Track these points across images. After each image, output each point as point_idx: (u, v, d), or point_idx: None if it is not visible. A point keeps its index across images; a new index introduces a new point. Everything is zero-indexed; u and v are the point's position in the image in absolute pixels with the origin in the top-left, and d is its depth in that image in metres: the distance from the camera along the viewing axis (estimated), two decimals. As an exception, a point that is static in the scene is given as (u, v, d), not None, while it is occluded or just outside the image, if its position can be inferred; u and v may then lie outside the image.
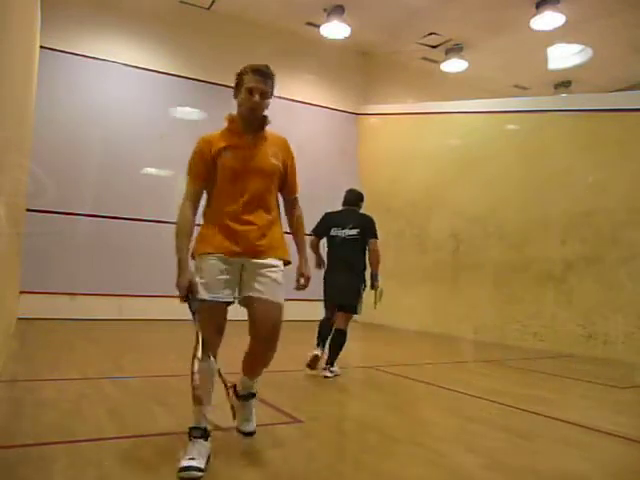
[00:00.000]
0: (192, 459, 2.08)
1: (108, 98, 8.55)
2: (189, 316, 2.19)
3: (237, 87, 2.39)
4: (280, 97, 9.87)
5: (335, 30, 9.55)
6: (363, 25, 9.66)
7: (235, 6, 9.25)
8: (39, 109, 7.39)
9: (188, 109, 9.23)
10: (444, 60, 10.71)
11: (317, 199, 10.14)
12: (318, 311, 4.79)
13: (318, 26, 9.56)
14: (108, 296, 8.08)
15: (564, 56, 10.61)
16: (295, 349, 6.33)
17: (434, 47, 10.49)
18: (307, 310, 7.87)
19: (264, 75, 2.33)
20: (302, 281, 2.53)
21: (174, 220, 2.30)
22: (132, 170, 8.60)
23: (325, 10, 9.22)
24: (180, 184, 2.46)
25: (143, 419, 2.90)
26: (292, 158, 2.51)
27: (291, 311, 7.23)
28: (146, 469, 2.15)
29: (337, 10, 9.13)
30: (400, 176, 9.64)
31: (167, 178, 8.87)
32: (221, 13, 9.41)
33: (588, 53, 10.38)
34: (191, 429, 2.21)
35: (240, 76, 2.37)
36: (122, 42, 8.76)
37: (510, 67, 11.21)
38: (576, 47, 10.36)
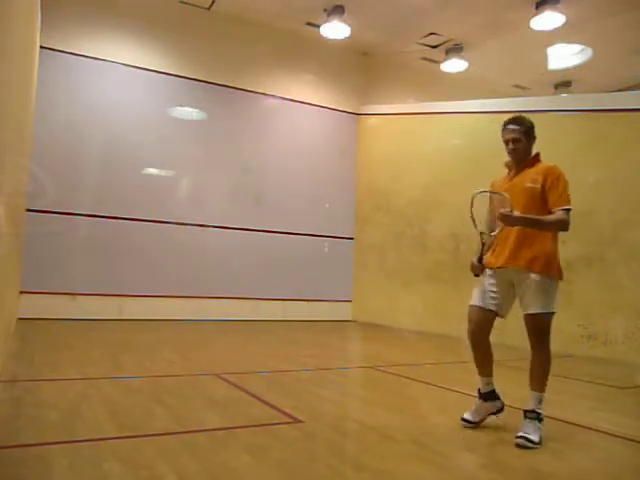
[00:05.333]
0: None
1: (108, 98, 8.55)
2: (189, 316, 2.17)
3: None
4: (280, 97, 9.92)
5: (335, 30, 9.53)
6: (363, 25, 9.65)
7: (235, 6, 9.24)
8: (39, 109, 7.39)
9: (188, 109, 9.21)
10: (444, 60, 10.71)
11: (317, 198, 10.26)
12: (318, 311, 4.78)
13: (318, 26, 9.55)
14: (108, 296, 8.09)
15: (564, 56, 10.60)
16: (295, 349, 6.36)
17: (434, 47, 10.49)
18: (307, 310, 8.05)
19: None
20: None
21: (174, 220, 2.30)
22: (132, 170, 8.59)
23: (325, 10, 9.21)
24: (180, 184, 2.46)
25: (143, 419, 2.90)
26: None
27: (291, 311, 7.26)
28: (146, 469, 2.15)
29: (337, 10, 9.11)
30: (400, 176, 9.64)
31: (167, 178, 8.81)
32: (221, 13, 9.41)
33: (588, 53, 10.38)
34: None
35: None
36: (122, 42, 8.75)
37: (510, 67, 11.21)
38: (576, 47, 10.36)
